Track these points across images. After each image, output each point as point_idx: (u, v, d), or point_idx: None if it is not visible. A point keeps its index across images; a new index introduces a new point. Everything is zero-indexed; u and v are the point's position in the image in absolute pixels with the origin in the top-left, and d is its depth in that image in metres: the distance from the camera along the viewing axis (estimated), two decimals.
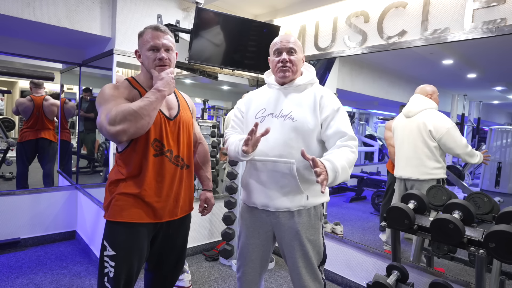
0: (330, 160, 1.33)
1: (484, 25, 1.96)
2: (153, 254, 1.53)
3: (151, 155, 1.41)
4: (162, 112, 1.45)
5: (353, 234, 3.51)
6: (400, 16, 2.36)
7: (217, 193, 3.40)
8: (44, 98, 3.87)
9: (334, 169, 1.31)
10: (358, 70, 3.63)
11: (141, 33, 1.45)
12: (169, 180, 1.46)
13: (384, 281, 1.82)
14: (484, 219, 1.80)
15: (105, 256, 1.40)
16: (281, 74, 1.53)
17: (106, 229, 1.44)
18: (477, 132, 5.43)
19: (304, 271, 1.52)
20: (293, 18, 3.11)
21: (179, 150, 1.50)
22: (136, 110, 1.27)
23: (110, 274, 1.38)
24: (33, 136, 3.83)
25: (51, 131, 3.93)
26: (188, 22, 2.98)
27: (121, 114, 1.25)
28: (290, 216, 1.51)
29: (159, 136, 1.43)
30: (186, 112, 1.58)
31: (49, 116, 3.89)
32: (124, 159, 1.42)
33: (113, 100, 1.33)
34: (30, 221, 3.16)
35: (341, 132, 1.44)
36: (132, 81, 1.48)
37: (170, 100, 1.53)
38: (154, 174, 1.42)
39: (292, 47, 1.52)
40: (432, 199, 2.03)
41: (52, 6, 2.45)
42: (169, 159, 1.46)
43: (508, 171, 5.15)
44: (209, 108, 5.37)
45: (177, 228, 1.56)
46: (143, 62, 1.46)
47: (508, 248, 1.42)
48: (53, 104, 3.92)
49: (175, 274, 1.64)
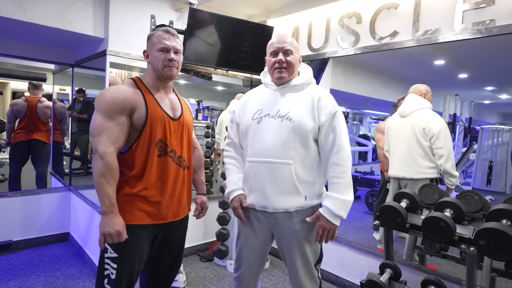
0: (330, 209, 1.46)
1: (473, 26, 1.99)
2: (151, 255, 1.54)
3: (155, 155, 1.42)
4: (166, 112, 1.47)
5: (347, 233, 3.54)
6: (392, 17, 2.38)
7: (212, 194, 3.40)
8: (39, 100, 3.84)
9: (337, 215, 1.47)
10: (351, 71, 3.65)
11: (151, 35, 1.48)
12: (173, 180, 1.48)
13: (377, 279, 1.84)
14: (475, 217, 1.83)
15: (106, 258, 1.40)
16: (278, 75, 1.54)
17: None
18: (468, 131, 5.49)
19: (302, 271, 1.53)
20: (286, 19, 3.13)
21: (182, 151, 1.53)
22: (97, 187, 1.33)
23: (112, 276, 1.38)
24: (25, 137, 3.79)
25: (44, 133, 3.89)
26: (181, 23, 2.98)
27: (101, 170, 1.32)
28: (289, 216, 1.52)
29: (163, 136, 1.44)
30: (188, 115, 1.61)
31: (42, 118, 3.86)
32: (127, 160, 1.42)
33: (106, 131, 1.34)
34: (22, 223, 3.13)
35: (333, 144, 1.49)
36: (137, 81, 1.48)
37: (173, 102, 1.55)
38: (158, 174, 1.43)
39: (289, 48, 1.53)
40: (424, 198, 2.06)
41: (44, 6, 2.44)
42: (172, 159, 1.48)
43: (499, 170, 5.23)
44: (204, 109, 5.37)
45: (176, 229, 1.57)
46: (151, 62, 1.47)
47: (498, 245, 1.44)
48: (47, 107, 3.90)
49: (171, 275, 1.65)
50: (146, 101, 1.42)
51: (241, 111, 1.64)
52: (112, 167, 1.32)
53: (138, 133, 1.40)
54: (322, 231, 1.48)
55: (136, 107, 1.39)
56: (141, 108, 1.40)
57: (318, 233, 1.49)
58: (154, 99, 1.46)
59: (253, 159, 1.53)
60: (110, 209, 1.32)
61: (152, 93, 1.46)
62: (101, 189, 1.31)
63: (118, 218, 1.34)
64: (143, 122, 1.40)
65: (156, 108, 1.44)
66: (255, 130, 1.54)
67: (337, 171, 1.47)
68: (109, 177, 1.32)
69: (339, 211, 1.45)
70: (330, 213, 1.45)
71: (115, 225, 1.32)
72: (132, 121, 1.39)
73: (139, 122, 1.40)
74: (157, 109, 1.44)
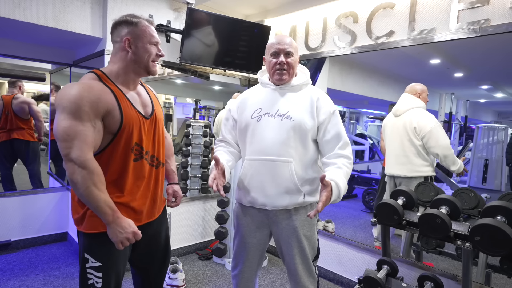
0: (335, 180, 1.38)
1: (468, 25, 2.02)
2: (139, 258, 1.50)
3: (131, 160, 1.32)
4: (139, 112, 1.35)
5: (344, 231, 3.56)
6: (388, 17, 2.41)
7: (210, 193, 3.41)
8: (13, 96, 3.68)
9: (338, 188, 1.38)
10: (348, 70, 3.68)
11: (135, 23, 1.34)
12: (146, 182, 1.40)
13: (374, 275, 1.86)
14: (471, 214, 1.86)
15: (89, 268, 1.31)
16: (278, 76, 1.54)
17: (84, 241, 1.33)
18: (464, 130, 5.54)
19: (301, 267, 1.55)
20: (283, 18, 3.14)
21: (155, 150, 1.43)
22: (89, 200, 1.19)
23: (97, 285, 1.32)
24: (6, 137, 3.67)
25: (24, 131, 3.74)
26: (179, 23, 2.99)
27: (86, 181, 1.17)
28: (288, 214, 1.54)
29: (139, 139, 1.34)
30: (159, 108, 1.49)
31: (20, 115, 3.70)
32: (100, 163, 1.25)
33: (80, 135, 1.17)
34: (21, 223, 3.13)
35: (338, 138, 1.50)
36: (102, 76, 1.29)
37: (143, 97, 1.42)
38: (133, 178, 1.34)
39: (290, 50, 1.53)
40: (421, 195, 2.09)
41: (42, 6, 2.44)
42: (147, 161, 1.39)
43: (494, 168, 5.27)
44: (201, 108, 5.38)
45: (157, 227, 1.52)
46: (136, 53, 1.32)
47: (492, 241, 1.47)
48: (23, 102, 3.71)
49: (163, 271, 1.63)
50: (118, 100, 1.27)
51: (239, 108, 1.65)
52: (98, 173, 1.20)
53: (112, 136, 1.27)
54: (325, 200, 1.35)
55: (110, 109, 1.24)
56: (115, 110, 1.25)
57: (322, 200, 1.36)
58: (126, 98, 1.31)
59: (252, 157, 1.54)
60: (115, 216, 1.22)
61: (122, 90, 1.31)
62: (95, 200, 1.18)
63: (126, 221, 1.26)
64: (118, 127, 1.26)
65: (129, 109, 1.30)
66: (254, 128, 1.55)
67: (346, 162, 1.48)
68: (99, 184, 1.20)
69: (342, 192, 1.41)
70: (338, 192, 1.39)
71: (127, 228, 1.24)
72: (104, 124, 1.24)
73: (113, 127, 1.26)
74: (131, 110, 1.31)
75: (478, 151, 5.48)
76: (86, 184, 1.17)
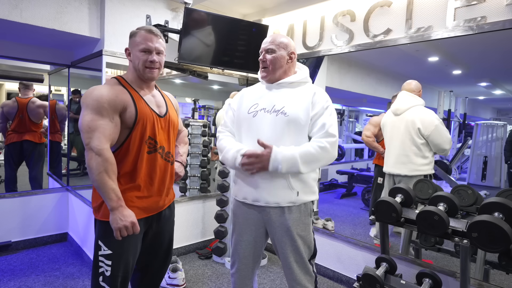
0: (280, 149, 1.44)
1: (465, 23, 2.02)
2: (142, 253, 1.56)
3: (145, 152, 1.45)
4: (153, 110, 1.49)
5: (344, 229, 3.58)
6: (385, 15, 2.41)
7: (209, 192, 3.42)
8: (30, 100, 3.79)
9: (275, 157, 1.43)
10: (346, 68, 3.68)
11: (134, 33, 1.48)
12: (161, 176, 1.52)
13: (373, 272, 1.87)
14: (469, 211, 1.87)
15: (100, 256, 1.42)
16: (261, 74, 1.62)
17: (99, 229, 1.45)
18: (463, 127, 5.55)
19: (296, 265, 1.56)
20: (281, 17, 3.15)
21: (170, 147, 1.57)
22: (99, 185, 1.32)
23: (107, 273, 1.40)
24: (17, 138, 3.75)
25: (36, 133, 3.84)
26: (177, 22, 2.99)
27: (99, 167, 1.31)
28: (281, 212, 1.54)
29: (152, 133, 1.47)
30: (173, 111, 1.63)
31: (34, 119, 3.80)
32: (117, 158, 1.42)
33: (100, 128, 1.34)
34: (21, 224, 3.14)
35: (322, 128, 1.49)
36: (121, 80, 1.49)
37: (157, 99, 1.57)
38: (147, 170, 1.47)
39: (270, 47, 1.57)
40: (419, 193, 2.09)
41: (39, 7, 2.44)
42: (161, 155, 1.51)
43: (493, 165, 5.28)
44: (200, 108, 5.38)
45: (164, 222, 1.61)
46: (133, 61, 1.48)
47: (490, 237, 1.47)
48: (40, 106, 3.84)
49: (163, 270, 1.69)
50: (133, 99, 1.44)
51: (237, 103, 1.68)
52: (112, 162, 1.34)
53: (129, 131, 1.42)
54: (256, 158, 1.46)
55: (126, 105, 1.41)
56: (130, 106, 1.42)
57: (252, 155, 1.46)
58: (140, 97, 1.48)
59: (247, 153, 1.55)
60: (119, 204, 1.33)
61: (137, 91, 1.48)
62: (104, 186, 1.31)
63: (128, 211, 1.36)
64: (133, 121, 1.42)
65: (144, 107, 1.46)
66: (250, 123, 1.57)
67: (318, 146, 1.46)
68: (111, 172, 1.33)
69: (283, 165, 1.44)
70: (277, 160, 1.43)
71: (128, 217, 1.34)
72: (122, 119, 1.41)
73: (130, 121, 1.41)
74: (145, 108, 1.46)
75: (477, 148, 5.49)
76: (99, 169, 1.31)
